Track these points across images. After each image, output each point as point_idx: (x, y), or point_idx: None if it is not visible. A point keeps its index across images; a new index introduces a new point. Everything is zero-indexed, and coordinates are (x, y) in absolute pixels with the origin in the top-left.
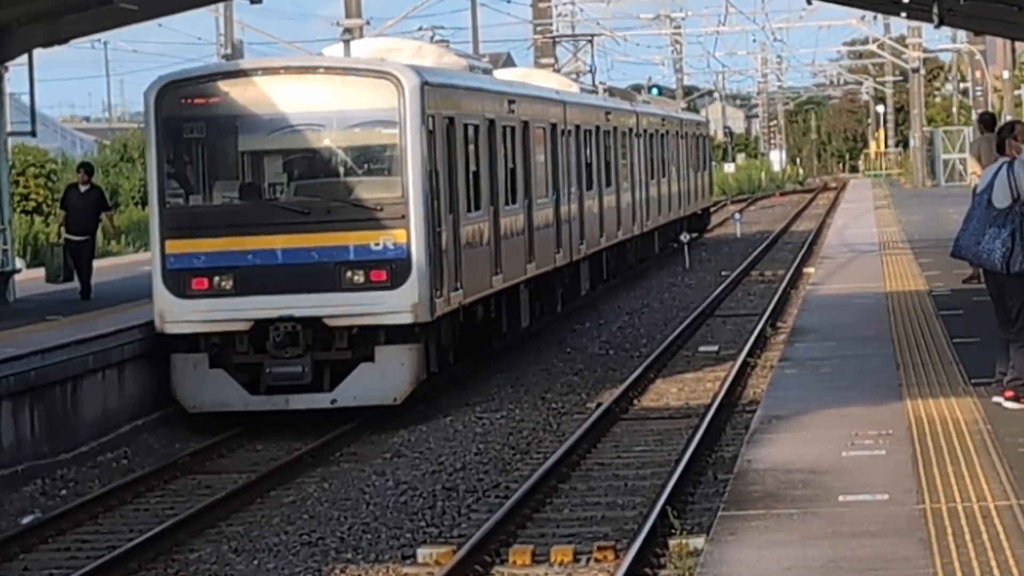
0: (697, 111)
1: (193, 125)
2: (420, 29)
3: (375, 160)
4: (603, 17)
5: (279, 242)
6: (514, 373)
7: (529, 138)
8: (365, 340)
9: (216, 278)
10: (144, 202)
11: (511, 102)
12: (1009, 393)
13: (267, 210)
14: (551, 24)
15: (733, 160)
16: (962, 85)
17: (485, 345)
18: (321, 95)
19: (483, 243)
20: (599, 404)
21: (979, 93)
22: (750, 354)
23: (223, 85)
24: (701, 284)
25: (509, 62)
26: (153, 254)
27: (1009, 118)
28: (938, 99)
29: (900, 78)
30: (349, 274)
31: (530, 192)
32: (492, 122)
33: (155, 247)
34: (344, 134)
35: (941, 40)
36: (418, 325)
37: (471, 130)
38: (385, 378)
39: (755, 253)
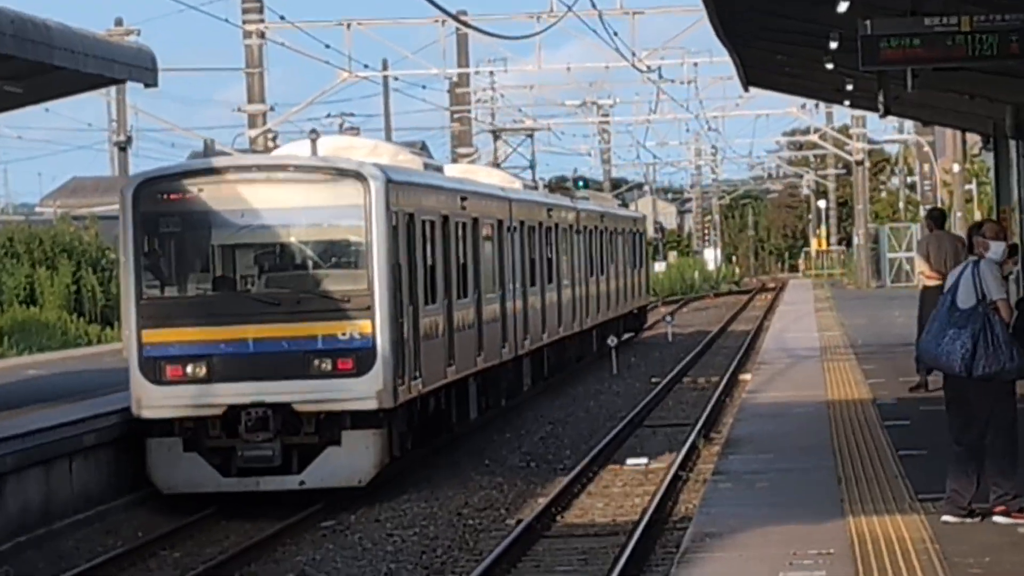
0: (626, 205)
1: (169, 220)
2: (328, 116)
3: (342, 254)
4: (526, 104)
5: (251, 332)
6: (429, 487)
7: (479, 234)
8: (332, 425)
9: (190, 366)
10: (30, 302)
11: (463, 199)
12: (1000, 509)
13: (239, 301)
14: (469, 111)
15: (664, 258)
16: (909, 179)
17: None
18: (291, 192)
19: (438, 335)
20: (519, 520)
21: (927, 188)
22: (681, 467)
23: (197, 182)
24: (629, 391)
25: (425, 151)
26: (129, 343)
27: (959, 215)
28: (884, 194)
29: (843, 171)
30: (317, 362)
31: (479, 287)
32: (447, 218)
33: (131, 336)
34: (313, 229)
35: (887, 131)
36: (382, 411)
37: (428, 226)
38: (351, 461)
39: (687, 358)
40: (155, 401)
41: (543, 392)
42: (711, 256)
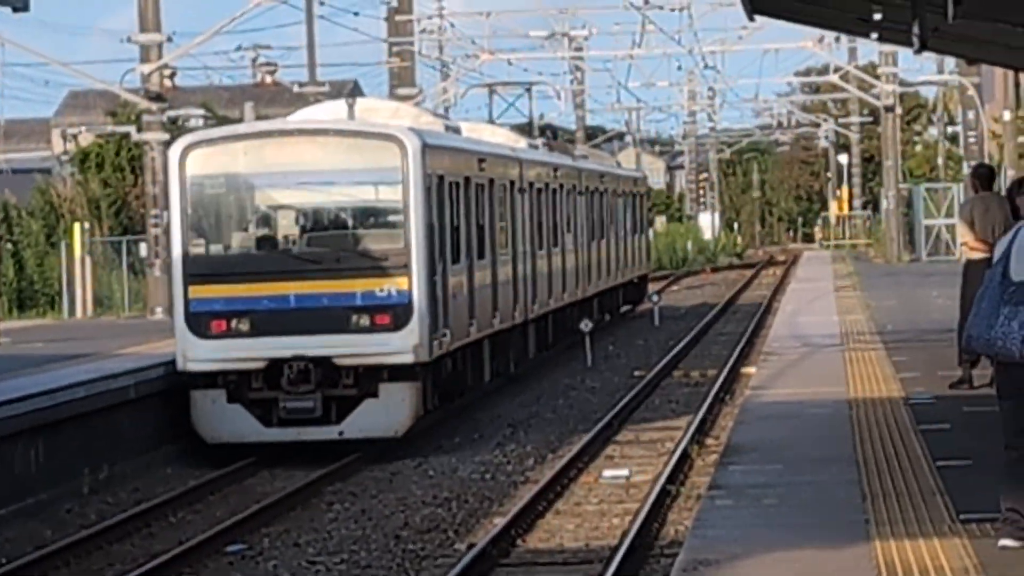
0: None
1: (214, 181)
2: (239, 49)
3: (380, 214)
4: (480, 34)
5: (292, 288)
6: (359, 503)
7: (495, 196)
8: (370, 378)
9: (234, 320)
10: None
11: (481, 160)
12: None
13: (281, 259)
14: (411, 43)
15: (651, 224)
16: (950, 129)
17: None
18: (332, 155)
19: (463, 294)
20: (471, 545)
21: (972, 140)
22: (670, 480)
23: (242, 145)
24: (607, 387)
25: (357, 91)
26: (175, 299)
27: (1011, 172)
28: (919, 147)
29: (869, 119)
30: (356, 318)
31: (495, 248)
32: (468, 180)
33: (178, 292)
34: (352, 190)
35: (923, 70)
36: (418, 364)
37: (454, 187)
38: (388, 413)
39: (678, 347)
40: (200, 354)
41: (500, 389)
42: (707, 222)
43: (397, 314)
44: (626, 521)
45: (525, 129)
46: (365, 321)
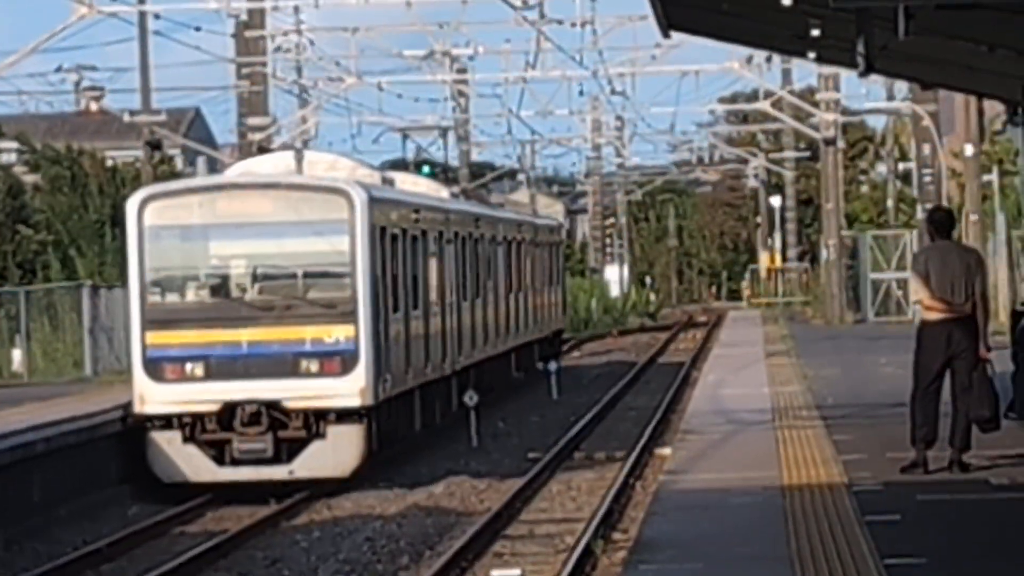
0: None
1: (170, 232)
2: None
3: (328, 264)
4: (344, 55)
5: (244, 335)
6: None
7: (428, 247)
8: (319, 420)
9: (189, 366)
10: None
11: (416, 212)
12: None
13: (234, 307)
14: (264, 64)
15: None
16: (902, 166)
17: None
18: (282, 207)
19: (400, 343)
20: None
21: (928, 179)
22: None
23: (197, 198)
24: (496, 471)
25: (199, 123)
26: (133, 344)
27: (974, 217)
28: (865, 187)
29: (807, 154)
30: (305, 364)
31: (428, 299)
32: (405, 231)
33: (135, 338)
34: (302, 241)
35: (870, 97)
36: (364, 408)
37: (393, 239)
38: (336, 453)
39: (581, 423)
40: (157, 398)
41: (369, 477)
42: (615, 276)
43: (344, 360)
44: None
45: (403, 168)
46: (314, 367)
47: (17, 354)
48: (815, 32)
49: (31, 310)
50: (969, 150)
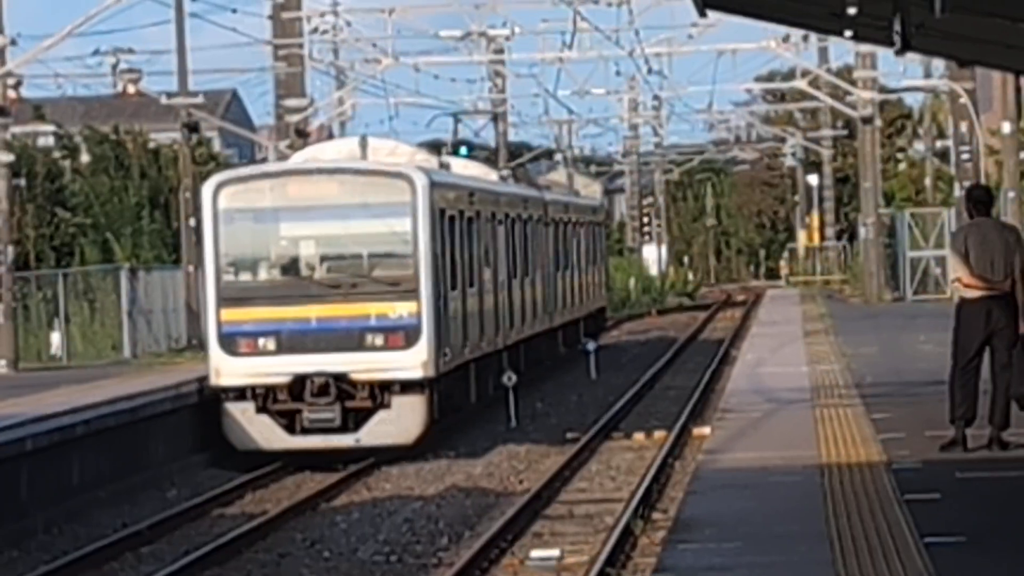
0: (531, 181)
1: (243, 215)
2: (96, 53)
3: (392, 244)
4: (381, 36)
5: (313, 311)
6: None
7: (482, 228)
8: (384, 391)
9: (262, 340)
10: None
11: (471, 195)
12: None
13: (304, 285)
14: (301, 46)
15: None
16: (939, 144)
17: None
18: (348, 191)
19: (457, 318)
20: None
21: (965, 156)
22: (610, 562)
23: (268, 182)
24: (535, 451)
25: (236, 105)
26: (208, 321)
27: (1011, 195)
28: (903, 165)
29: (844, 132)
30: (371, 338)
31: (482, 278)
32: (462, 213)
33: (211, 315)
34: (367, 223)
35: (908, 75)
36: (426, 379)
37: (451, 221)
38: (400, 422)
39: (619, 403)
40: (231, 371)
41: (398, 459)
42: (653, 255)
43: (408, 334)
44: None
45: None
46: (379, 341)
47: (56, 337)
48: (852, 10)
49: (69, 293)
50: (1007, 127)
